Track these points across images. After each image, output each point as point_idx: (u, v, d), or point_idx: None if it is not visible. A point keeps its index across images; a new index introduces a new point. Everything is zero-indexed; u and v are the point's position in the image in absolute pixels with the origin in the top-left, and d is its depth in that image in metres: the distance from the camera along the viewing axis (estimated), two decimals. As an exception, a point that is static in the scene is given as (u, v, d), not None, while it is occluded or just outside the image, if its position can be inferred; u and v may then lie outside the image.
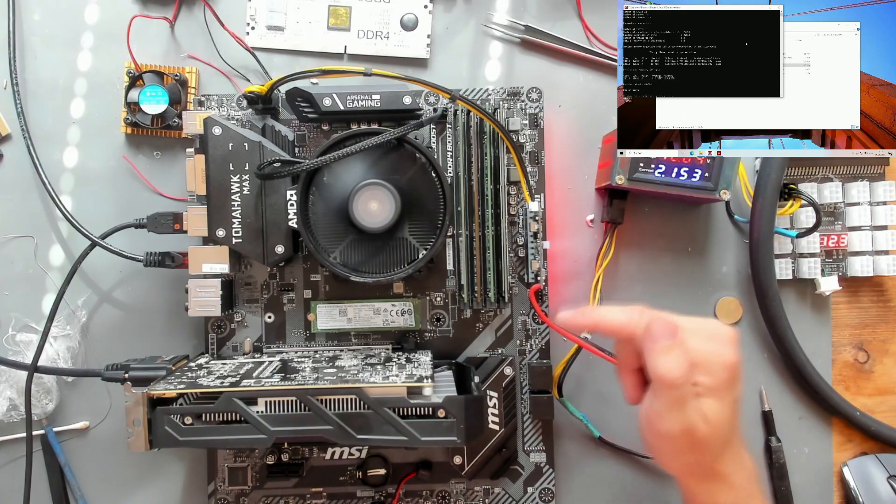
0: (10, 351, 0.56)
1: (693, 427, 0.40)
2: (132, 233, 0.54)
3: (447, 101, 0.54)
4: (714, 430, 0.40)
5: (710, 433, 0.40)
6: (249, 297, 0.55)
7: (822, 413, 0.57)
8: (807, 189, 0.56)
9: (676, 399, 0.40)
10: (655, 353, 0.40)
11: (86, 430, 0.56)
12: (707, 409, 0.40)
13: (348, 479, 0.54)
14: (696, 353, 0.40)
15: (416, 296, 0.55)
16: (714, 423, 0.40)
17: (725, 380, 0.40)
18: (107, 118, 0.57)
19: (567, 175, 0.57)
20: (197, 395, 0.45)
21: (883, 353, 0.58)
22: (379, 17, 0.57)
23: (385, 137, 0.49)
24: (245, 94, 0.51)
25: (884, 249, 0.56)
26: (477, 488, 0.55)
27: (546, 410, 0.54)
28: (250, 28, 0.57)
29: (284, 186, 0.51)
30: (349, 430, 0.43)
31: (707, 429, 0.40)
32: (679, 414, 0.40)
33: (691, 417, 0.40)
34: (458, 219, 0.53)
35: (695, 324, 0.42)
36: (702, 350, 0.40)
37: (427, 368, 0.48)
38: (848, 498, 0.56)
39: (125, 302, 0.57)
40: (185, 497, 0.56)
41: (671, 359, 0.39)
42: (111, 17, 0.57)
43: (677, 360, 0.39)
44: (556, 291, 0.56)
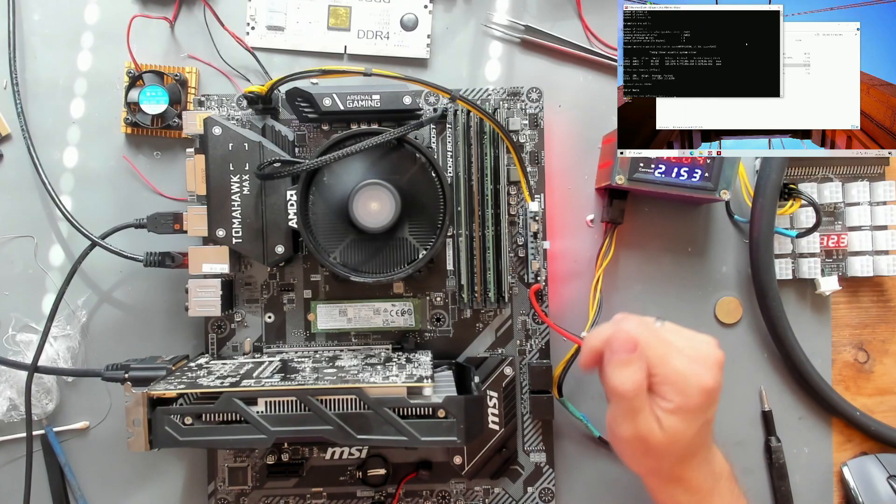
0: (10, 351, 0.56)
1: (646, 436, 0.41)
2: (132, 233, 0.54)
3: (447, 101, 0.54)
4: (670, 441, 0.41)
5: (664, 443, 0.41)
6: (249, 297, 0.55)
7: (822, 413, 0.57)
8: (807, 189, 0.56)
9: (628, 409, 0.41)
10: (610, 366, 0.41)
11: (86, 430, 0.56)
12: (667, 423, 0.41)
13: (348, 479, 0.54)
14: (674, 372, 0.41)
15: (416, 296, 0.55)
16: (671, 436, 0.41)
17: (698, 403, 0.41)
18: (107, 118, 0.57)
19: (567, 175, 0.57)
20: (197, 395, 0.45)
21: (883, 353, 0.58)
22: (379, 17, 0.57)
23: (385, 137, 0.49)
24: (245, 94, 0.51)
25: (884, 249, 0.56)
26: (477, 488, 0.55)
27: (546, 410, 0.54)
28: (250, 28, 0.57)
29: (284, 186, 0.51)
30: (349, 430, 0.43)
31: (662, 439, 0.41)
32: (632, 422, 0.41)
33: (644, 427, 0.41)
34: (458, 219, 0.53)
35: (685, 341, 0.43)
36: (681, 370, 0.41)
37: (427, 368, 0.48)
38: (848, 498, 0.56)
39: (125, 302, 0.57)
40: (185, 497, 0.56)
41: (623, 373, 0.40)
42: (111, 17, 0.57)
43: (629, 374, 0.40)
44: (556, 291, 0.56)
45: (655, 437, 0.41)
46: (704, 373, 0.41)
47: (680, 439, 0.41)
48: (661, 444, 0.41)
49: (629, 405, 0.41)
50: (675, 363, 0.41)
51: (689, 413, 0.41)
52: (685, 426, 0.41)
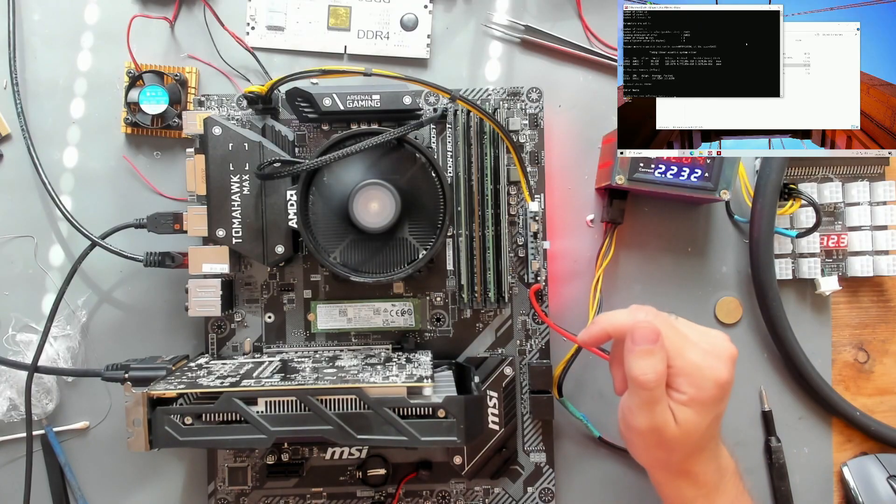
0: (10, 351, 0.56)
1: (661, 427, 0.41)
2: (132, 233, 0.54)
3: (447, 101, 0.54)
4: (683, 434, 0.41)
5: (678, 436, 0.41)
6: (249, 297, 0.55)
7: (822, 413, 0.57)
8: (807, 189, 0.56)
9: (648, 399, 0.41)
10: (633, 356, 0.41)
11: (86, 430, 0.56)
12: (681, 416, 0.41)
13: (348, 479, 0.54)
14: (689, 365, 0.41)
15: (416, 296, 0.55)
16: (685, 429, 0.41)
17: (712, 396, 0.41)
18: (107, 118, 0.57)
19: (567, 175, 0.57)
20: (197, 395, 0.45)
21: (883, 353, 0.58)
22: (379, 17, 0.57)
23: (385, 137, 0.49)
24: (245, 94, 0.51)
25: (884, 249, 0.56)
26: (477, 488, 0.55)
27: (546, 410, 0.54)
28: (250, 28, 0.57)
29: (284, 186, 0.51)
30: (349, 430, 0.43)
31: (676, 432, 0.41)
32: (649, 413, 0.41)
33: (660, 418, 0.41)
34: (458, 219, 0.53)
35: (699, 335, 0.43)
36: (697, 363, 0.41)
37: (427, 368, 0.48)
38: (848, 498, 0.56)
39: (125, 302, 0.57)
40: (185, 497, 0.56)
41: (646, 363, 0.41)
42: (111, 17, 0.57)
43: (652, 365, 0.41)
44: (556, 291, 0.56)
45: (670, 429, 0.41)
46: (719, 366, 0.41)
47: (693, 432, 0.41)
48: (674, 437, 0.41)
49: (649, 395, 0.41)
50: (691, 356, 0.41)
51: (702, 405, 0.41)
52: (699, 419, 0.41)
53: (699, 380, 0.41)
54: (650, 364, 0.41)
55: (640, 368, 0.41)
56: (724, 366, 0.42)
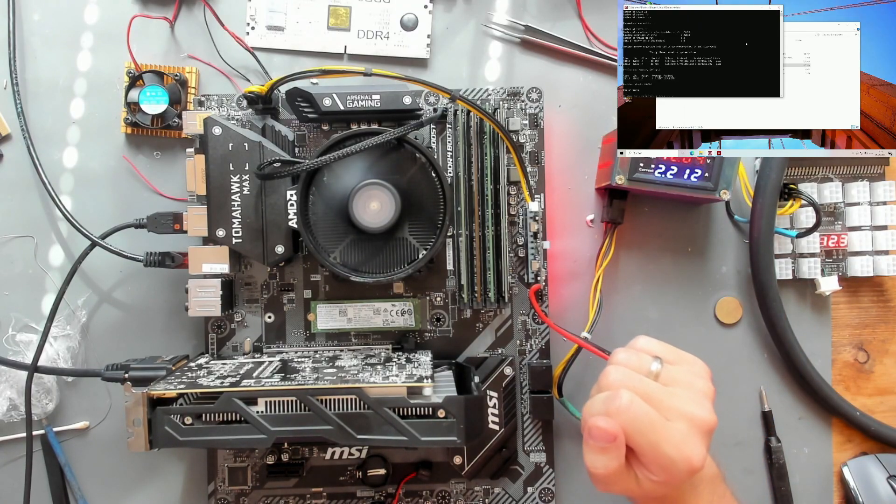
0: (10, 351, 0.56)
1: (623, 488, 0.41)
2: (132, 233, 0.54)
3: (447, 101, 0.54)
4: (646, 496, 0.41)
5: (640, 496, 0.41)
6: (249, 297, 0.55)
7: (822, 413, 0.57)
8: (807, 189, 0.56)
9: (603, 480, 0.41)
10: (587, 447, 0.41)
11: (86, 430, 0.56)
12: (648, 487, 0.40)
13: (348, 479, 0.54)
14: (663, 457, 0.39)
15: (416, 296, 0.55)
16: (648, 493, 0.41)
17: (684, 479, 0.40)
18: (107, 118, 0.57)
19: (567, 175, 0.57)
20: (197, 395, 0.45)
21: (883, 353, 0.58)
22: (379, 17, 0.57)
23: (385, 137, 0.49)
24: (245, 94, 0.51)
25: (884, 249, 0.56)
26: (477, 488, 0.55)
27: (546, 410, 0.54)
28: (250, 28, 0.57)
29: (284, 186, 0.51)
30: (349, 430, 0.43)
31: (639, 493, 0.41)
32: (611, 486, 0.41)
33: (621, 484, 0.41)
34: (458, 219, 0.53)
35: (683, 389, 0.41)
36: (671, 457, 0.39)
37: (427, 368, 0.48)
38: (848, 498, 0.56)
39: (125, 302, 0.57)
40: (185, 497, 0.56)
41: (598, 460, 0.40)
42: (111, 17, 0.57)
43: (604, 462, 0.40)
44: (556, 291, 0.56)
45: (632, 491, 0.41)
46: (695, 452, 0.39)
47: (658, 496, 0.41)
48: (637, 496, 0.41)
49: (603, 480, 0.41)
50: (665, 448, 0.39)
51: (673, 484, 0.40)
52: (667, 490, 0.41)
53: (672, 470, 0.39)
54: (602, 461, 0.40)
55: (591, 462, 0.41)
56: (699, 449, 0.39)
